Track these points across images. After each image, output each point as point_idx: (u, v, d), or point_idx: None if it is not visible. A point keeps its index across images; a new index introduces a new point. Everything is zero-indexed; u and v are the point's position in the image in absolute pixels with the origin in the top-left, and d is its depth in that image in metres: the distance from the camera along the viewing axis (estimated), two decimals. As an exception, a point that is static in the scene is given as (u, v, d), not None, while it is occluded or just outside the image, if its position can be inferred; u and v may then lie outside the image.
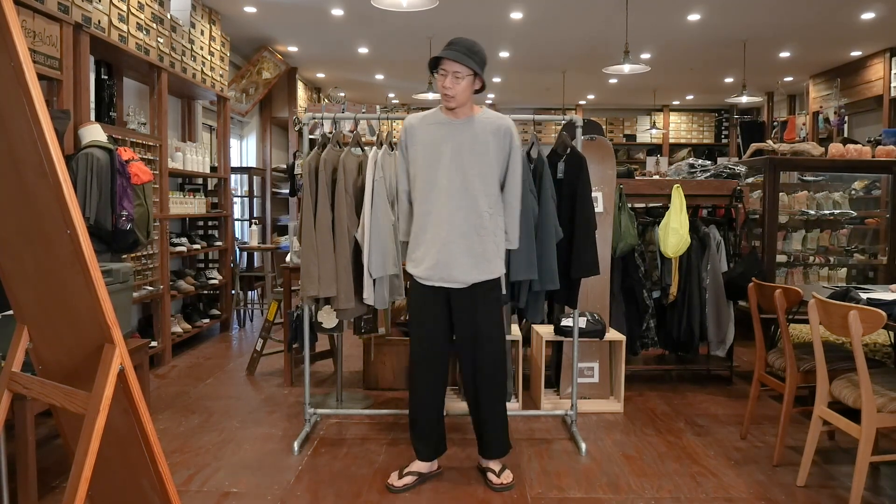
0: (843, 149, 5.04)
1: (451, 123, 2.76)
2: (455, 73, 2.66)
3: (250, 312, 6.82)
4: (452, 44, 2.69)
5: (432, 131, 2.77)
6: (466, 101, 2.73)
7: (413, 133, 2.80)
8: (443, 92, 2.70)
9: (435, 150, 2.74)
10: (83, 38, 3.81)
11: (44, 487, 2.70)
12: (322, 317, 3.62)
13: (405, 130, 2.83)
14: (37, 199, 1.63)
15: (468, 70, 2.66)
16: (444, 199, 2.71)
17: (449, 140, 2.73)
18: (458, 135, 2.74)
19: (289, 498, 2.73)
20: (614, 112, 12.39)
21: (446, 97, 2.70)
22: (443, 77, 2.68)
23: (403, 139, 2.84)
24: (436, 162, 2.73)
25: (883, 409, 2.49)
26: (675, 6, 6.21)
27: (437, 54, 2.69)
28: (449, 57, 2.65)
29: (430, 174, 2.74)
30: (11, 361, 1.88)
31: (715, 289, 4.21)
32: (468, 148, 2.73)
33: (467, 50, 2.66)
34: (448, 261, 2.71)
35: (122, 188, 3.66)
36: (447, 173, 2.71)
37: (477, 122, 2.76)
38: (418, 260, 2.78)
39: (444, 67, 2.67)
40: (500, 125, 2.78)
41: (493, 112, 2.86)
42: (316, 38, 7.52)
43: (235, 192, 7.55)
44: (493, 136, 2.75)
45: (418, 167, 2.78)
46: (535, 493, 2.78)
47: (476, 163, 2.73)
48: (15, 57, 1.49)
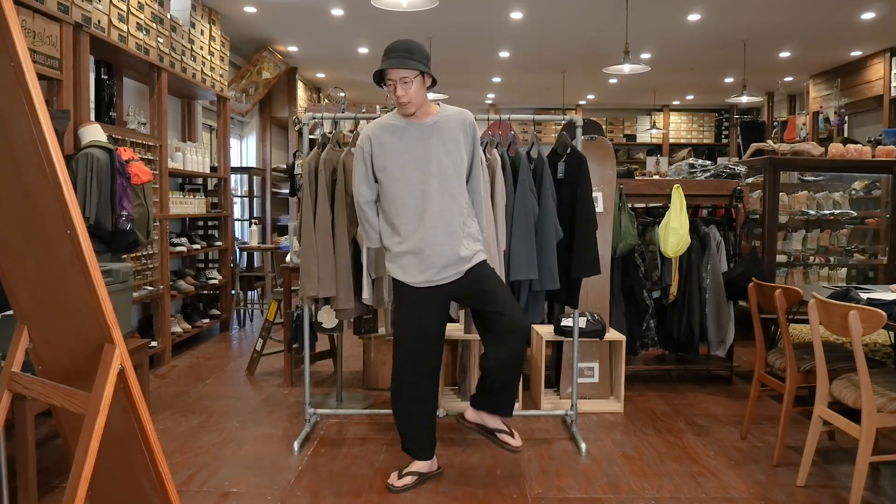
0: (843, 149, 5.04)
1: (418, 126, 2.74)
2: (402, 80, 2.63)
3: (250, 312, 6.82)
4: (389, 52, 2.67)
5: (400, 138, 2.74)
6: (423, 102, 2.72)
7: (379, 142, 2.74)
8: (398, 101, 2.68)
9: (409, 156, 2.72)
10: (83, 37, 3.81)
11: (44, 487, 2.70)
12: (322, 317, 3.62)
13: (367, 140, 2.75)
14: (37, 199, 1.63)
15: (413, 72, 2.63)
16: (425, 204, 2.70)
17: (420, 145, 2.72)
18: (428, 138, 2.73)
19: (289, 498, 2.73)
20: (614, 112, 12.39)
21: (403, 105, 2.67)
22: (392, 87, 2.66)
23: (367, 149, 2.75)
24: (411, 169, 2.71)
25: (883, 409, 2.49)
26: (675, 6, 6.21)
27: (378, 67, 2.68)
28: (390, 66, 2.63)
29: (407, 181, 2.72)
30: (11, 361, 1.88)
31: (715, 289, 4.21)
32: (441, 149, 2.72)
33: (405, 53, 2.64)
34: (438, 262, 2.71)
35: (122, 188, 3.66)
36: (426, 178, 2.71)
37: (442, 122, 2.75)
38: (408, 266, 2.75)
39: (390, 77, 2.65)
40: (464, 119, 2.79)
41: (451, 107, 2.83)
42: (316, 38, 7.52)
43: (235, 192, 7.55)
44: (460, 131, 2.76)
45: (390, 175, 2.73)
46: (535, 493, 2.78)
47: (452, 163, 2.73)
48: (15, 57, 1.49)
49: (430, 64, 2.73)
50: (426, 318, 2.80)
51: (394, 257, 2.78)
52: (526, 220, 3.10)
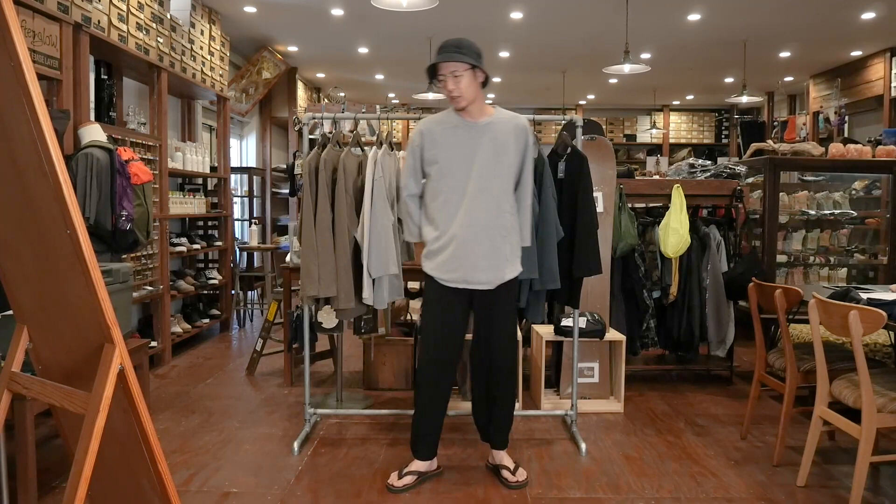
0: (844, 149, 5.04)
1: (470, 126, 2.77)
2: (453, 73, 2.67)
3: (250, 312, 6.82)
4: (442, 48, 2.72)
5: (452, 134, 2.77)
6: (475, 97, 2.74)
7: (432, 137, 2.78)
8: (449, 96, 2.72)
9: (458, 153, 2.75)
10: (83, 37, 3.81)
11: (44, 487, 2.70)
12: (322, 317, 3.62)
13: (420, 134, 2.80)
14: (37, 199, 1.63)
15: (464, 65, 2.67)
16: (469, 203, 2.72)
17: (471, 143, 2.75)
18: (479, 137, 2.75)
19: (289, 498, 2.73)
20: (614, 112, 12.39)
21: (454, 99, 2.71)
22: (443, 82, 2.70)
23: (418, 142, 2.80)
24: (459, 165, 2.74)
25: (883, 409, 2.49)
26: (675, 6, 6.21)
27: (434, 60, 2.71)
28: (441, 60, 2.68)
29: (453, 178, 2.75)
30: (11, 361, 1.88)
31: (715, 289, 4.21)
32: (490, 150, 2.74)
33: (456, 48, 2.68)
34: (473, 263, 2.72)
35: (121, 188, 3.66)
36: (470, 176, 2.73)
37: (495, 124, 2.78)
38: (441, 263, 2.76)
39: (441, 72, 2.70)
40: (518, 124, 2.81)
41: (507, 111, 2.87)
42: (316, 38, 7.52)
43: (235, 192, 7.55)
44: (512, 136, 2.78)
45: (438, 170, 2.77)
46: (535, 493, 2.78)
47: (498, 165, 2.75)
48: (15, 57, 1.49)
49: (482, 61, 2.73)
50: (450, 317, 2.82)
51: (430, 253, 2.81)
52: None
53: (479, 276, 2.74)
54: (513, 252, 2.80)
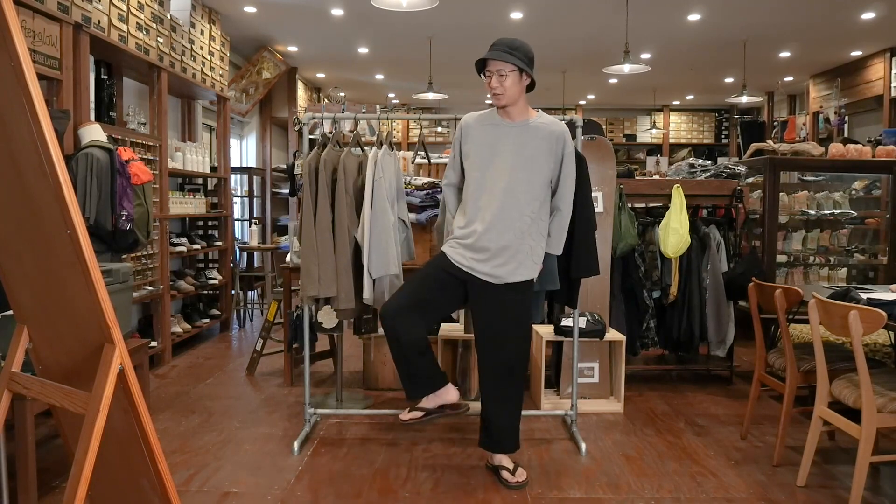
0: (844, 149, 5.04)
1: (505, 126, 2.80)
2: (499, 72, 2.71)
3: (250, 312, 6.82)
4: (494, 45, 2.75)
5: (487, 132, 2.82)
6: (516, 98, 2.77)
7: (468, 132, 2.85)
8: (491, 92, 2.75)
9: (488, 150, 2.79)
10: (83, 37, 3.81)
11: (44, 487, 2.70)
12: (322, 317, 3.62)
13: (460, 128, 2.89)
14: (37, 199, 1.63)
15: (511, 66, 2.70)
16: (489, 201, 2.75)
17: (501, 143, 2.78)
18: (511, 138, 2.78)
19: (289, 498, 2.74)
20: (614, 112, 12.39)
21: (495, 96, 2.75)
22: (489, 78, 2.74)
23: (458, 135, 2.89)
24: (487, 163, 2.78)
25: (883, 409, 2.49)
26: (675, 6, 6.21)
27: (481, 57, 2.74)
28: (490, 57, 2.71)
29: (480, 174, 2.79)
30: (11, 361, 1.88)
31: (715, 289, 4.21)
32: (519, 152, 2.77)
33: (507, 47, 2.72)
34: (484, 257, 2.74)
35: (122, 188, 3.66)
36: (496, 175, 2.75)
37: (531, 127, 2.80)
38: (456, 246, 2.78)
39: (489, 68, 2.73)
40: (554, 130, 2.82)
41: (548, 116, 2.89)
42: (316, 38, 7.52)
43: (235, 192, 7.55)
44: (545, 140, 2.79)
45: (470, 166, 2.84)
46: (535, 493, 2.78)
47: (525, 167, 2.76)
48: (15, 57, 1.49)
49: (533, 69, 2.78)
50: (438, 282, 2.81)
51: (452, 238, 2.86)
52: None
53: (485, 267, 2.75)
54: (528, 256, 2.79)
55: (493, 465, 2.94)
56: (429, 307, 2.84)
